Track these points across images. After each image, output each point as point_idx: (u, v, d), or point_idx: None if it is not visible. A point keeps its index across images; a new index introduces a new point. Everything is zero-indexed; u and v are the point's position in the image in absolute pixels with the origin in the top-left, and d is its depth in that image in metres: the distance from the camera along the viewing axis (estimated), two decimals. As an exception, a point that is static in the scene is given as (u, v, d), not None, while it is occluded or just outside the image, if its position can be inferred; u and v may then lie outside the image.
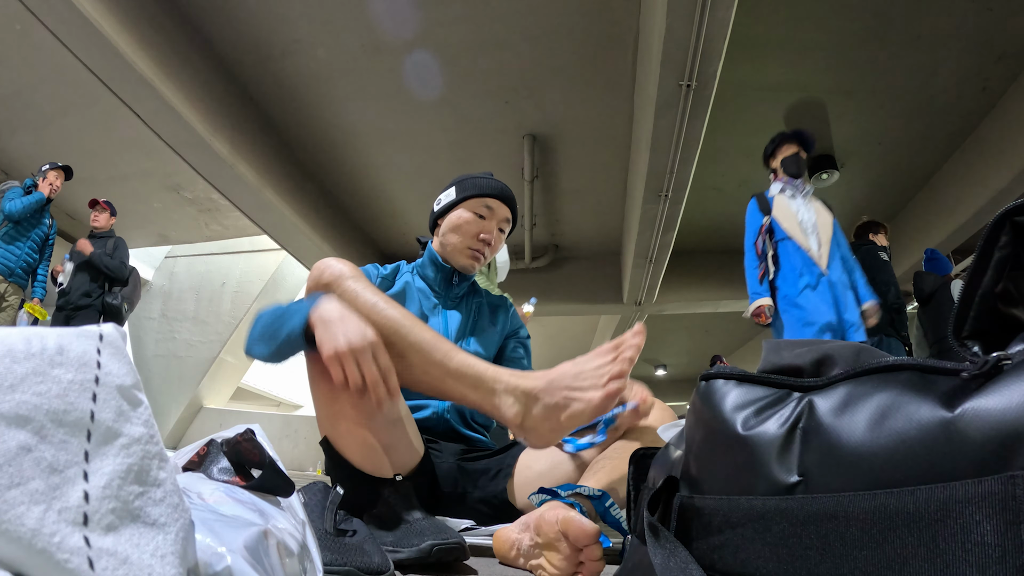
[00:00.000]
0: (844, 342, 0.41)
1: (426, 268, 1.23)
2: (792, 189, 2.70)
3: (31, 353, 0.29)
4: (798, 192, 2.70)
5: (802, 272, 2.52)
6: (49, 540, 0.24)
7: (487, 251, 1.18)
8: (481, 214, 1.17)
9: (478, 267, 1.19)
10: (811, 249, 2.55)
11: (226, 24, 3.34)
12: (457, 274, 1.21)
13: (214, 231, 6.23)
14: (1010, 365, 0.29)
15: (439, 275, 1.21)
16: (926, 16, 3.16)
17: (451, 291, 1.22)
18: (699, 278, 5.91)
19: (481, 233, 1.16)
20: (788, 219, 2.63)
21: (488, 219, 1.18)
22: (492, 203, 1.18)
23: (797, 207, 2.66)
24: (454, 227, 1.18)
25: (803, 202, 2.68)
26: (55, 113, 4.31)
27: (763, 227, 2.67)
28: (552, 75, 3.55)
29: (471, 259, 1.18)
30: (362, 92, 3.77)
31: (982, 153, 4.10)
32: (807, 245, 2.56)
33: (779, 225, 2.64)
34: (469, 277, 1.23)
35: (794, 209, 2.65)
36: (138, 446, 0.31)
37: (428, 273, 1.22)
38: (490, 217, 1.18)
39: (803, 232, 2.59)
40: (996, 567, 0.25)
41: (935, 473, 0.28)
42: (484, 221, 1.17)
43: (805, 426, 0.35)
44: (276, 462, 0.47)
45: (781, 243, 2.62)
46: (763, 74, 3.58)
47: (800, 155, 2.76)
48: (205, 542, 0.32)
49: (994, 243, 0.33)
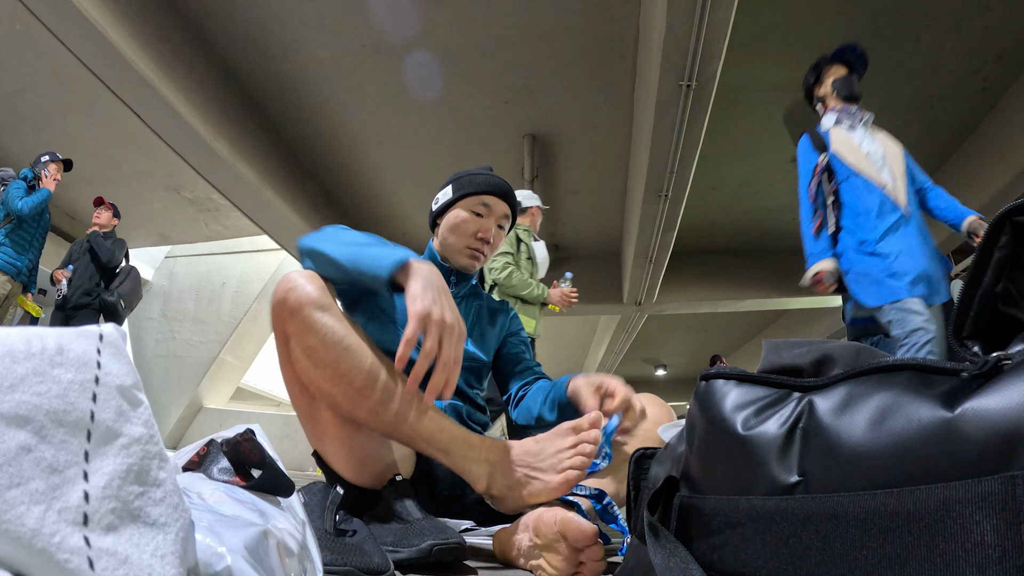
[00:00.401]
0: (844, 342, 0.41)
1: None
2: (849, 118, 2.22)
3: (31, 353, 0.29)
4: (857, 121, 2.22)
5: (880, 212, 2.04)
6: (49, 540, 0.24)
7: (486, 249, 1.16)
8: (479, 212, 1.15)
9: (478, 266, 1.18)
10: (886, 185, 2.08)
11: (226, 24, 3.34)
12: (456, 274, 1.19)
13: (214, 231, 6.23)
14: (1010, 365, 0.29)
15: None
16: (926, 16, 3.16)
17: (451, 291, 1.20)
18: (699, 278, 5.91)
19: (479, 232, 1.14)
20: (852, 152, 2.15)
21: (486, 217, 1.16)
22: (489, 200, 1.15)
23: (860, 138, 2.19)
24: (451, 227, 1.16)
25: (865, 132, 2.21)
26: (55, 113, 4.31)
27: (818, 166, 2.20)
28: (552, 75, 3.55)
29: (470, 259, 1.16)
30: (362, 92, 3.77)
31: (982, 153, 4.10)
32: (881, 180, 2.08)
33: (841, 161, 2.16)
34: (469, 278, 1.21)
35: (857, 141, 2.18)
36: (138, 446, 0.31)
37: None
38: (488, 215, 1.16)
39: (873, 165, 2.12)
40: (996, 567, 0.25)
41: (935, 473, 0.28)
42: (482, 219, 1.15)
43: (805, 426, 0.35)
44: (276, 462, 0.47)
45: (845, 183, 2.16)
46: (763, 74, 3.58)
47: (851, 76, 2.30)
48: (205, 542, 0.32)
49: (994, 243, 0.33)
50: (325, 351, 0.78)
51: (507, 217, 1.19)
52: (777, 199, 5.01)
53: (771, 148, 4.35)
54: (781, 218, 5.29)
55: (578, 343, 9.68)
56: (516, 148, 4.20)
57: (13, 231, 3.40)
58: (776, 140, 4.25)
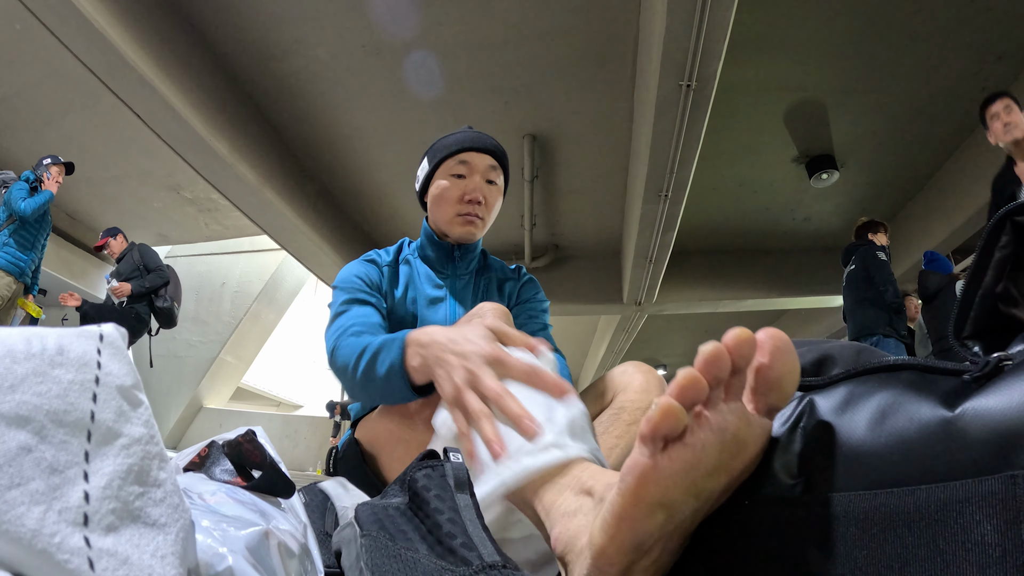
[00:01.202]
0: (844, 342, 0.41)
1: (425, 249, 1.11)
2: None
3: (31, 353, 0.29)
4: None
5: None
6: (49, 540, 0.24)
7: (480, 211, 1.04)
8: (459, 173, 1.04)
9: (478, 232, 1.06)
10: None
11: (226, 24, 3.34)
12: (458, 248, 1.08)
13: (214, 231, 6.24)
14: (1011, 365, 0.29)
15: (439, 252, 1.09)
16: (926, 16, 3.16)
17: (457, 268, 1.10)
18: (699, 278, 5.91)
19: (465, 195, 1.03)
20: None
21: (468, 176, 1.04)
22: (467, 156, 1.04)
23: None
24: (436, 199, 1.06)
25: None
26: (55, 113, 4.31)
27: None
28: (552, 75, 3.55)
29: (465, 225, 1.04)
30: (362, 92, 3.77)
31: (982, 153, 4.09)
32: None
33: None
34: (473, 248, 1.10)
35: None
36: (138, 446, 0.31)
37: (429, 253, 1.10)
38: (470, 173, 1.04)
39: None
40: (996, 567, 0.25)
41: (935, 473, 0.28)
42: (464, 180, 1.04)
43: (806, 425, 0.35)
44: (277, 463, 0.47)
45: None
46: (763, 74, 3.58)
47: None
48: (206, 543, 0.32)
49: (994, 243, 0.33)
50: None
51: (495, 168, 1.06)
52: (777, 199, 5.01)
53: (771, 148, 4.35)
54: (781, 218, 5.29)
55: (578, 343, 9.68)
56: (516, 148, 4.20)
57: (16, 232, 3.40)
58: (776, 140, 4.25)
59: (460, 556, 0.37)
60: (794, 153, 4.41)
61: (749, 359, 0.36)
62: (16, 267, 3.38)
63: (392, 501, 0.44)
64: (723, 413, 0.35)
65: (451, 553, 0.38)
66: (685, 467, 0.34)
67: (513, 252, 5.66)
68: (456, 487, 0.43)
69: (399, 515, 0.42)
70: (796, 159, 4.47)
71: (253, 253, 6.86)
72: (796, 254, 5.71)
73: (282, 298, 7.15)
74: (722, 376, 0.35)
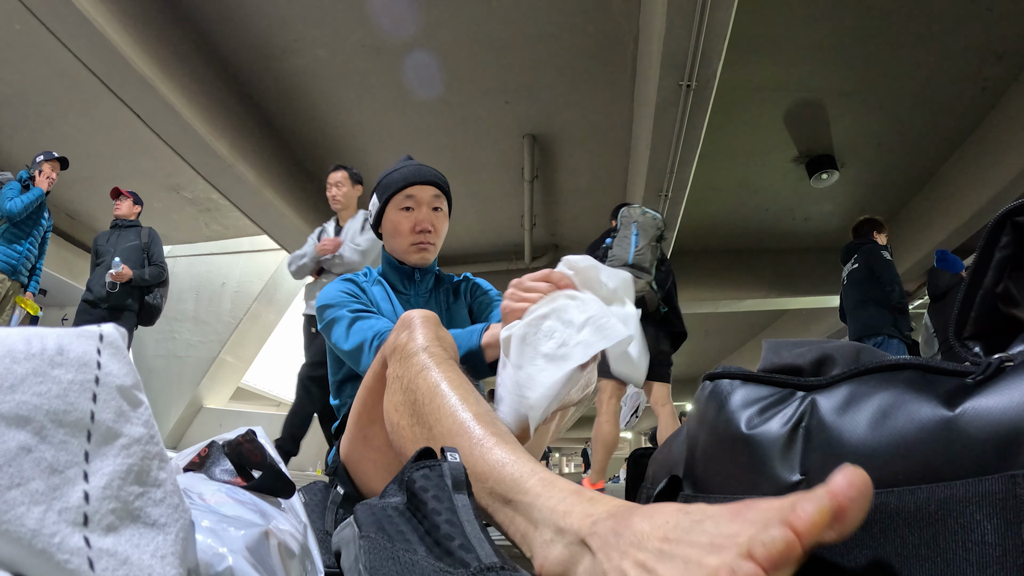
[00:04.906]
0: (844, 342, 0.41)
1: (387, 273, 1.23)
2: None
3: (31, 354, 0.29)
4: None
5: None
6: (49, 540, 0.24)
7: (431, 238, 1.16)
8: (407, 206, 1.15)
9: (430, 257, 1.18)
10: None
11: (226, 24, 3.34)
12: (417, 271, 1.21)
13: (214, 231, 6.24)
14: (1012, 366, 0.29)
15: (400, 275, 1.21)
16: (926, 16, 3.15)
17: (418, 288, 1.22)
18: (699, 278, 5.91)
19: (416, 225, 1.15)
20: None
21: (416, 208, 1.15)
22: (412, 191, 1.15)
23: None
24: (390, 233, 1.17)
25: None
26: (55, 113, 4.31)
27: None
28: (552, 75, 3.55)
29: (420, 252, 1.17)
30: (362, 92, 3.77)
31: (982, 153, 4.09)
32: None
33: None
34: (431, 268, 1.22)
35: None
36: (138, 446, 0.31)
37: (390, 277, 1.23)
38: (417, 205, 1.15)
39: None
40: (996, 566, 0.25)
41: (936, 472, 0.28)
42: (413, 212, 1.15)
43: (808, 425, 0.35)
44: (277, 463, 0.47)
45: None
46: (763, 74, 3.58)
47: None
48: (206, 542, 0.32)
49: (995, 243, 0.33)
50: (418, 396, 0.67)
51: (438, 196, 1.18)
52: (777, 199, 5.01)
53: (771, 148, 4.35)
54: (781, 218, 5.29)
55: (578, 343, 9.66)
56: (516, 148, 4.20)
57: (7, 231, 3.38)
58: (776, 140, 4.25)
59: (458, 558, 0.37)
60: (794, 153, 4.41)
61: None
62: (8, 265, 3.36)
63: (391, 501, 0.44)
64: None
65: (449, 555, 0.38)
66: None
67: (513, 252, 5.66)
68: (454, 487, 0.43)
69: (397, 516, 0.42)
70: (796, 159, 4.47)
71: (253, 253, 6.85)
72: (796, 254, 5.70)
73: (282, 298, 7.15)
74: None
